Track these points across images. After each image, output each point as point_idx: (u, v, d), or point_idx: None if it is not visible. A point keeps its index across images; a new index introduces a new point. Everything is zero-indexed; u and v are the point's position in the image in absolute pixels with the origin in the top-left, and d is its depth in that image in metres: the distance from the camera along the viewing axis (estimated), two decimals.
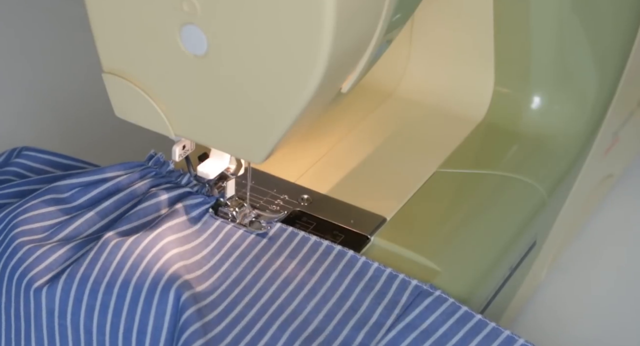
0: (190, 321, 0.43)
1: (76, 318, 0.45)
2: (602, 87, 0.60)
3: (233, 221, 0.49)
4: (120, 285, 0.45)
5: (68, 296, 0.45)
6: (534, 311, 0.65)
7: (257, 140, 0.44)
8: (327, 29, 0.38)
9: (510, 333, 0.44)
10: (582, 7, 0.58)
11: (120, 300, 0.45)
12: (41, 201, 0.50)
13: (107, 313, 0.45)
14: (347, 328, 0.44)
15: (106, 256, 0.46)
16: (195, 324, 0.43)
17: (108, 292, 0.45)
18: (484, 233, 0.52)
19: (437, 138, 0.59)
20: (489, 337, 0.44)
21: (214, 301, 0.45)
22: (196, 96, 0.44)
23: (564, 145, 0.59)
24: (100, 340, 0.45)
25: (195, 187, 0.50)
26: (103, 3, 0.43)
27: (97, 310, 0.45)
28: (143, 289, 0.45)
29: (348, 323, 0.45)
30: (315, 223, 0.51)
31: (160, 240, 0.47)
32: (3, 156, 0.58)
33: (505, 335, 0.44)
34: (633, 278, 0.68)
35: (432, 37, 0.62)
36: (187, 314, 0.44)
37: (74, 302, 0.45)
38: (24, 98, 0.83)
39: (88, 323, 0.45)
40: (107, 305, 0.45)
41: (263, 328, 0.44)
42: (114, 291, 0.45)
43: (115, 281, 0.45)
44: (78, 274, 0.46)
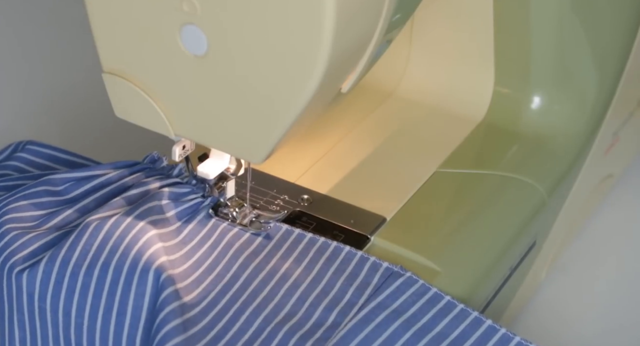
0: (169, 301, 0.44)
1: (56, 301, 0.46)
2: (602, 87, 0.60)
3: (233, 221, 0.49)
4: (101, 266, 0.46)
5: (49, 279, 0.46)
6: (534, 311, 0.65)
7: (257, 140, 0.44)
8: (327, 29, 0.38)
9: (477, 314, 0.44)
10: (582, 7, 0.58)
11: (101, 281, 0.46)
12: (34, 192, 0.51)
13: (87, 295, 0.46)
14: (320, 309, 0.45)
15: (87, 239, 0.46)
16: (173, 303, 0.44)
17: (88, 274, 0.46)
18: (484, 233, 0.52)
19: (437, 138, 0.59)
20: (457, 318, 0.44)
21: (188, 287, 0.46)
22: (196, 96, 0.44)
23: (564, 145, 0.59)
24: (78, 322, 0.46)
25: (185, 178, 0.50)
26: (103, 3, 0.43)
27: (77, 293, 0.46)
28: (123, 270, 0.45)
29: (320, 304, 0.45)
30: (315, 223, 0.51)
31: (140, 221, 0.47)
32: (8, 150, 0.58)
33: (473, 316, 0.44)
34: (633, 278, 0.68)
35: (432, 37, 0.62)
36: (165, 293, 0.44)
37: (54, 285, 0.46)
38: (24, 98, 0.83)
39: (67, 306, 0.46)
40: (88, 287, 0.46)
41: (237, 313, 0.45)
42: (94, 273, 0.46)
43: (95, 264, 0.46)
44: (59, 257, 0.46)
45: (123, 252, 0.46)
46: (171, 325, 0.43)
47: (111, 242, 0.46)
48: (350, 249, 0.48)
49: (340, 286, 0.46)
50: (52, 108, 0.81)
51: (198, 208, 0.49)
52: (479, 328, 0.44)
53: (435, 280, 0.48)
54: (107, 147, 0.71)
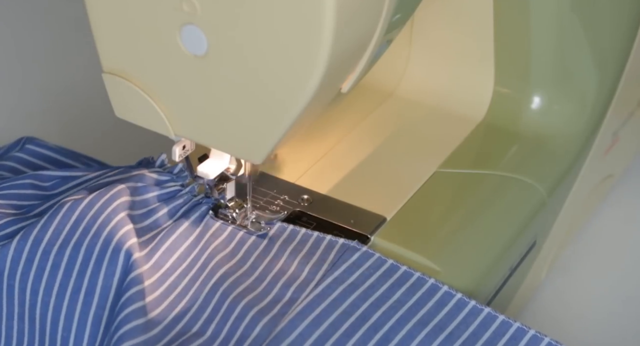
0: (137, 282, 0.44)
1: (25, 279, 0.46)
2: (602, 87, 0.60)
3: (233, 222, 0.50)
4: (73, 246, 0.46)
5: (20, 257, 0.46)
6: (534, 311, 0.65)
7: (257, 141, 0.44)
8: (327, 29, 0.38)
9: (434, 281, 0.45)
10: (582, 7, 0.58)
11: (72, 261, 0.46)
12: (20, 183, 0.52)
13: (57, 274, 0.46)
14: (277, 287, 0.46)
15: (60, 219, 0.47)
16: (138, 285, 0.44)
17: (60, 253, 0.46)
18: (484, 233, 0.52)
19: (437, 138, 0.59)
20: (414, 286, 0.45)
21: (150, 271, 0.46)
22: (196, 96, 0.44)
23: (564, 145, 0.59)
24: (45, 301, 0.46)
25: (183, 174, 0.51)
26: (103, 3, 0.43)
27: (47, 271, 0.46)
28: (95, 250, 0.46)
29: (278, 282, 0.46)
30: (315, 223, 0.51)
31: (113, 201, 0.47)
32: (7, 147, 0.58)
33: (429, 283, 0.45)
34: (633, 278, 0.68)
35: (432, 37, 0.62)
36: (134, 274, 0.45)
37: (25, 263, 0.46)
38: (23, 98, 0.83)
39: (36, 284, 0.46)
40: (58, 266, 0.46)
41: (197, 292, 0.46)
42: (66, 253, 0.46)
43: (67, 243, 0.46)
44: (31, 236, 0.46)
45: (95, 233, 0.46)
46: (133, 307, 0.44)
47: (84, 222, 0.47)
48: (307, 231, 0.48)
49: (297, 265, 0.47)
50: (52, 108, 0.81)
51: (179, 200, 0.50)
52: (434, 295, 0.45)
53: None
54: (107, 147, 0.71)
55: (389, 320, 0.44)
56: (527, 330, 0.43)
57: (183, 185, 0.50)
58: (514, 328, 0.44)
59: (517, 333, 0.44)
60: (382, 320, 0.44)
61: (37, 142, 0.58)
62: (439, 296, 0.45)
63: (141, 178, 0.50)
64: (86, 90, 0.77)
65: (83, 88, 0.81)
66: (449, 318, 0.44)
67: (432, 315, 0.44)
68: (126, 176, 0.50)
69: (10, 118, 0.80)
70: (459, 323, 0.44)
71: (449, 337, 0.43)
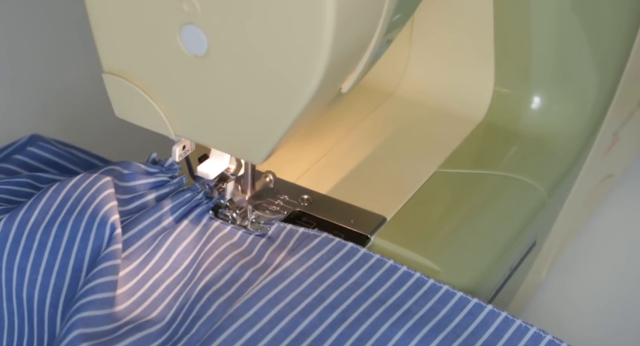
0: (113, 256, 0.45)
1: (12, 259, 0.47)
2: (602, 87, 0.60)
3: (233, 223, 0.49)
4: (59, 225, 0.47)
5: (7, 237, 0.47)
6: (534, 311, 0.65)
7: (257, 141, 0.44)
8: (327, 29, 0.38)
9: (393, 262, 0.46)
10: (582, 7, 0.58)
11: (58, 240, 0.47)
12: (18, 181, 0.52)
13: (43, 253, 0.46)
14: (235, 267, 0.46)
15: (46, 200, 0.48)
16: (115, 260, 0.45)
17: (46, 232, 0.47)
18: (484, 233, 0.52)
19: (437, 138, 0.59)
20: (373, 268, 0.46)
21: (138, 267, 0.47)
22: (196, 96, 0.44)
23: (564, 145, 0.59)
24: (32, 279, 0.46)
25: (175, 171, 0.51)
26: (103, 3, 0.43)
27: (34, 250, 0.47)
28: (80, 227, 0.46)
29: (236, 263, 0.47)
30: (315, 223, 0.51)
31: (98, 182, 0.48)
32: (17, 143, 0.59)
33: (388, 264, 0.46)
34: (633, 278, 0.68)
35: (432, 37, 0.62)
36: (111, 248, 0.45)
37: (11, 243, 0.47)
38: (23, 98, 0.83)
39: (23, 262, 0.47)
40: (45, 245, 0.47)
41: (176, 288, 0.47)
42: (52, 232, 0.47)
43: (53, 222, 0.47)
44: (18, 217, 0.47)
45: (80, 211, 0.47)
46: (103, 279, 0.44)
47: (69, 202, 0.47)
48: (279, 223, 0.49)
49: (257, 251, 0.48)
50: (52, 109, 0.81)
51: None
52: (393, 275, 0.46)
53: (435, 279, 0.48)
54: (107, 148, 0.71)
55: (345, 300, 0.44)
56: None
57: (172, 178, 0.50)
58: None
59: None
60: (339, 301, 0.44)
61: (41, 145, 0.59)
62: (399, 275, 0.46)
63: (128, 166, 0.50)
64: (86, 90, 0.77)
65: (83, 88, 0.81)
66: (407, 296, 0.45)
67: (390, 294, 0.45)
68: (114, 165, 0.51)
69: (9, 118, 0.80)
70: (428, 309, 0.45)
71: (406, 315, 0.44)
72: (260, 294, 0.44)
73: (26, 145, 0.59)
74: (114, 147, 0.71)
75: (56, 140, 0.61)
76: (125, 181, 0.50)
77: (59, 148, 0.59)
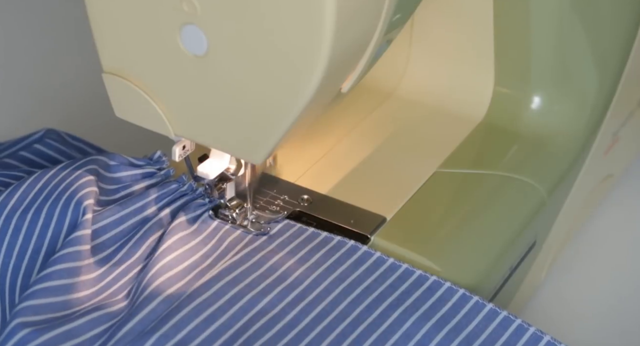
0: (77, 242, 0.46)
1: None
2: (602, 87, 0.60)
3: (233, 222, 0.49)
4: (34, 210, 0.48)
5: None
6: (534, 311, 0.65)
7: (257, 141, 0.44)
8: (327, 29, 0.38)
9: (354, 243, 0.48)
10: (582, 7, 0.58)
11: (33, 224, 0.47)
12: (16, 174, 0.53)
13: (18, 237, 0.47)
14: (195, 257, 0.47)
15: (25, 187, 0.49)
16: (82, 245, 0.46)
17: (22, 218, 0.48)
18: (484, 233, 0.52)
19: (437, 138, 0.59)
20: (334, 249, 0.48)
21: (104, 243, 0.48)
22: (196, 96, 0.44)
23: (564, 145, 0.59)
24: (5, 262, 0.47)
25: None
26: (103, 3, 0.43)
27: (9, 234, 0.48)
28: (55, 212, 0.47)
29: (198, 252, 0.48)
30: (315, 223, 0.51)
31: (80, 169, 0.49)
32: (30, 138, 0.60)
33: (362, 250, 0.48)
34: (633, 278, 0.68)
35: (432, 37, 0.62)
36: (77, 233, 0.46)
37: None
38: (23, 98, 0.83)
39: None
40: (20, 229, 0.47)
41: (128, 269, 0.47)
42: (27, 217, 0.48)
43: (30, 208, 0.48)
44: None
45: (57, 196, 0.48)
46: (64, 266, 0.45)
47: (47, 188, 0.48)
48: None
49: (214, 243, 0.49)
50: (51, 109, 0.81)
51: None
52: (354, 255, 0.47)
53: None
54: (107, 148, 0.71)
55: (305, 280, 0.45)
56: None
57: (160, 170, 0.51)
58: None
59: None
60: (299, 280, 0.45)
61: (47, 142, 0.59)
62: (359, 254, 0.47)
63: (114, 157, 0.51)
64: (85, 90, 0.77)
65: (83, 88, 0.81)
66: (380, 280, 0.46)
67: (350, 272, 0.46)
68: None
69: (8, 118, 0.80)
70: (402, 292, 0.45)
71: (378, 298, 0.45)
72: (220, 276, 0.45)
73: (39, 140, 0.60)
74: (113, 147, 0.71)
75: (69, 134, 0.61)
76: (112, 172, 0.50)
77: (67, 145, 0.60)
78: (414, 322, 0.44)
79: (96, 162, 0.51)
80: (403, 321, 0.44)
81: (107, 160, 0.51)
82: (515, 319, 0.44)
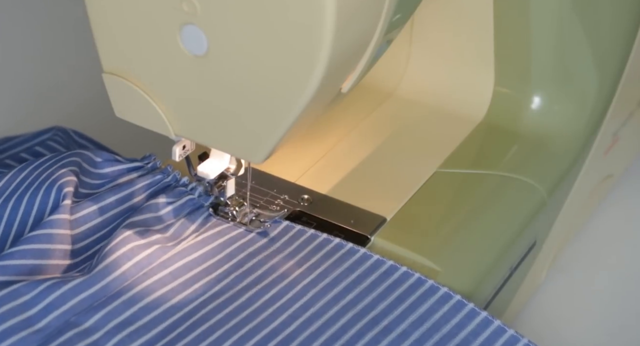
0: (61, 211, 0.46)
1: None
2: (602, 87, 0.60)
3: (233, 220, 0.49)
4: (16, 199, 0.48)
5: None
6: (534, 311, 0.65)
7: (257, 140, 0.44)
8: (328, 29, 0.38)
9: (328, 237, 0.48)
10: (582, 8, 0.58)
11: (14, 211, 0.48)
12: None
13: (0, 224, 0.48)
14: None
15: (9, 177, 0.50)
16: (64, 214, 0.46)
17: (3, 206, 0.48)
18: (484, 233, 0.52)
19: (437, 138, 0.59)
20: (311, 239, 0.49)
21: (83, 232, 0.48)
22: (196, 96, 0.44)
23: (564, 145, 0.59)
24: None
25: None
26: (103, 3, 0.43)
27: None
28: (37, 200, 0.48)
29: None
30: (315, 223, 0.51)
31: (62, 160, 0.50)
32: (43, 136, 0.61)
33: (309, 233, 0.49)
34: (633, 278, 0.68)
35: (432, 37, 0.62)
36: (63, 202, 0.47)
37: None
38: (23, 98, 0.83)
39: None
40: (2, 217, 0.48)
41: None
42: (8, 205, 0.48)
43: (11, 197, 0.49)
44: None
45: (38, 185, 0.49)
46: (40, 231, 0.46)
47: (29, 178, 0.49)
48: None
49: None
50: (51, 109, 0.81)
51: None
52: (329, 244, 0.48)
53: (435, 280, 0.47)
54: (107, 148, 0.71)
55: (263, 266, 0.47)
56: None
57: (149, 164, 0.52)
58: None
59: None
60: (256, 267, 0.47)
61: (47, 144, 0.59)
62: (333, 244, 0.48)
63: (100, 154, 0.52)
64: (86, 90, 0.77)
65: (83, 88, 0.81)
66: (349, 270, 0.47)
67: (308, 258, 0.47)
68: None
69: (9, 119, 0.80)
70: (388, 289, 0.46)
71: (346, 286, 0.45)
72: (179, 256, 0.46)
73: (43, 137, 0.60)
74: (113, 147, 0.71)
75: (76, 131, 0.61)
76: (97, 168, 0.51)
77: (70, 142, 0.60)
78: (404, 331, 0.44)
79: (81, 156, 0.51)
80: (388, 329, 0.44)
81: (92, 156, 0.51)
82: (508, 330, 0.44)
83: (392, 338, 0.43)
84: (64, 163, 0.50)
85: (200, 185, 0.50)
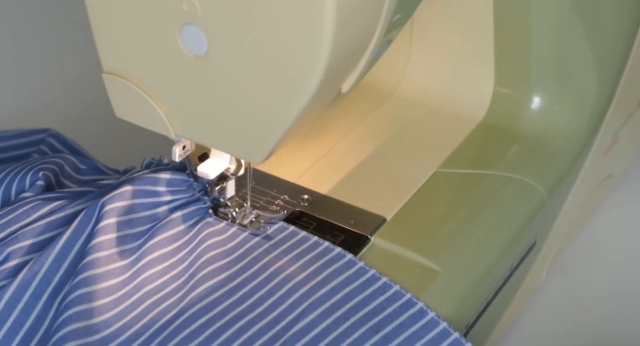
0: (92, 266, 0.46)
1: None
2: (602, 87, 0.60)
3: (233, 221, 0.49)
4: None
5: None
6: (533, 311, 0.65)
7: (257, 141, 0.44)
8: (327, 29, 0.38)
9: (308, 234, 0.49)
10: (582, 7, 0.58)
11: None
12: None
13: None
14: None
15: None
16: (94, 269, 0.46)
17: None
18: (484, 233, 0.52)
19: (437, 138, 0.59)
20: (301, 239, 0.49)
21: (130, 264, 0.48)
22: (196, 96, 0.44)
23: (564, 145, 0.59)
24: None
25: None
26: (103, 3, 0.43)
27: None
28: (13, 184, 0.51)
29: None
30: (315, 223, 0.51)
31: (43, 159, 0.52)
32: (35, 136, 0.61)
33: (290, 230, 0.49)
34: (633, 278, 0.68)
35: (432, 37, 0.62)
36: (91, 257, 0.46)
37: None
38: (23, 98, 0.83)
39: None
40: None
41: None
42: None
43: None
44: None
45: (14, 175, 0.51)
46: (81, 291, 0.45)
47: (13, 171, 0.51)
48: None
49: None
50: (51, 109, 0.81)
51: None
52: (306, 243, 0.48)
53: (435, 280, 0.48)
54: (106, 148, 0.71)
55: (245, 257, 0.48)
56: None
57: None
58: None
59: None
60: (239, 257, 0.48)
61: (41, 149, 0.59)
62: (311, 242, 0.48)
63: (85, 162, 0.53)
64: (85, 90, 0.77)
65: (82, 88, 0.81)
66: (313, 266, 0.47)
67: (268, 252, 0.48)
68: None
69: (9, 119, 0.80)
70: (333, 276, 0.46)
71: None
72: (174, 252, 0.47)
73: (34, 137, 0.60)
74: (113, 147, 0.71)
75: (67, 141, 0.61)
76: (79, 174, 0.53)
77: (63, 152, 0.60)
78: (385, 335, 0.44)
79: (65, 160, 0.52)
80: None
81: (77, 163, 0.53)
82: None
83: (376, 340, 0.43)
84: (46, 161, 0.51)
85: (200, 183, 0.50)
